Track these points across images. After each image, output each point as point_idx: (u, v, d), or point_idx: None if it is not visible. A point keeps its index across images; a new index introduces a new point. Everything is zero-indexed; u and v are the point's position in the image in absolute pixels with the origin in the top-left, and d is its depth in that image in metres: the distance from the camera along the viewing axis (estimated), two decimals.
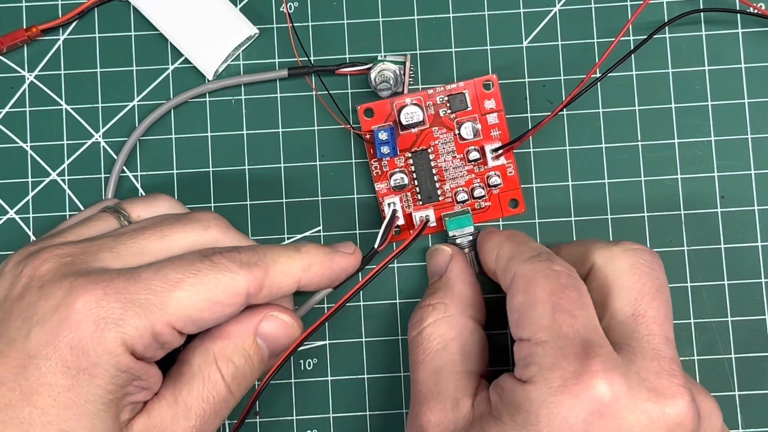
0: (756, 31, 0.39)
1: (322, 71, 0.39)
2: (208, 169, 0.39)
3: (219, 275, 0.30)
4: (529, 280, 0.32)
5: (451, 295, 0.35)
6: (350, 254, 0.34)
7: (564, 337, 0.30)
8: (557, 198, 0.39)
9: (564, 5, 0.40)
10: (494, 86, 0.38)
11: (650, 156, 0.39)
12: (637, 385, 0.29)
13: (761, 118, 0.39)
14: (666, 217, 0.39)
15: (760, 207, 0.39)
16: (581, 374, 0.29)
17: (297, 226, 0.39)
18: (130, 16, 0.40)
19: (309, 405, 0.38)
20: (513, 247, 0.34)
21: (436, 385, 0.33)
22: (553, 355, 0.30)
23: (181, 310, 0.30)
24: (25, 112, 0.39)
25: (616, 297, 0.32)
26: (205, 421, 0.32)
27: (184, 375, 0.32)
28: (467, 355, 0.34)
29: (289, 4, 0.40)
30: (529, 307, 0.31)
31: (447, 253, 0.37)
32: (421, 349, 0.34)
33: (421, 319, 0.35)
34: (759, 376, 0.38)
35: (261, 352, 0.33)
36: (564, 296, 0.31)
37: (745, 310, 0.38)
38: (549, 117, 0.36)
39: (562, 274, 0.32)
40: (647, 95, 0.39)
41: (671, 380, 0.30)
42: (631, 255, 0.33)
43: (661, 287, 0.32)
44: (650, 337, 0.31)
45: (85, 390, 0.28)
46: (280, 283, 0.32)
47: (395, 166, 0.38)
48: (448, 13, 0.40)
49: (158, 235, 0.31)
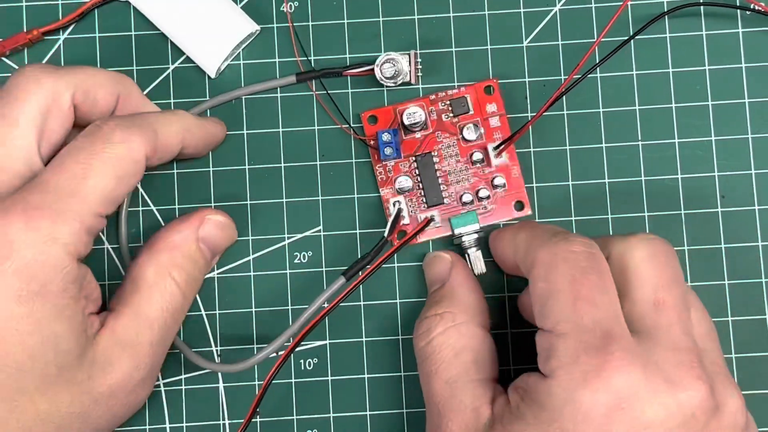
0: (756, 31, 0.39)
1: (329, 74, 0.39)
2: (208, 169, 0.39)
3: (117, 149, 0.31)
4: (549, 266, 0.31)
5: (458, 303, 0.35)
6: (218, 123, 0.38)
7: (584, 329, 0.29)
8: (557, 198, 0.39)
9: (564, 5, 0.40)
10: (495, 90, 0.38)
11: (650, 156, 0.39)
12: (656, 377, 0.29)
13: (762, 117, 0.39)
14: (666, 217, 0.39)
15: (761, 207, 0.39)
16: (602, 368, 0.29)
17: (297, 226, 0.39)
18: (130, 16, 0.40)
19: (309, 405, 0.38)
20: (529, 234, 0.34)
21: (453, 396, 0.33)
22: (573, 348, 0.29)
23: (98, 196, 0.31)
24: None
25: (636, 286, 0.32)
26: (167, 330, 0.34)
27: (140, 289, 0.34)
28: (479, 362, 0.33)
29: (289, 3, 0.40)
30: (550, 297, 0.31)
31: (447, 260, 0.37)
32: (432, 359, 0.34)
33: (428, 329, 0.34)
34: (759, 376, 0.38)
35: (204, 255, 0.36)
36: (585, 282, 0.30)
37: (745, 310, 0.38)
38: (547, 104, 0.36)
39: (582, 255, 0.31)
40: (647, 95, 0.39)
41: (689, 372, 0.30)
42: (648, 245, 0.32)
43: (678, 277, 0.32)
44: (670, 326, 0.31)
45: (42, 312, 0.29)
46: (169, 144, 0.34)
47: (400, 170, 0.38)
48: (448, 13, 0.40)
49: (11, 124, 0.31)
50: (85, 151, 0.31)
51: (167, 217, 0.39)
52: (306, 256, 0.39)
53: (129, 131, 0.32)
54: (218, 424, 0.38)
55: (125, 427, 0.38)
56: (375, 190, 0.39)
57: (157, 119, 0.34)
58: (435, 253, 0.38)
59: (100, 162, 0.31)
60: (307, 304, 0.36)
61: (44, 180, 0.31)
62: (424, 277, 0.38)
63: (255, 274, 0.39)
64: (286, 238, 0.39)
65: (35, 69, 0.32)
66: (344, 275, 0.36)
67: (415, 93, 0.39)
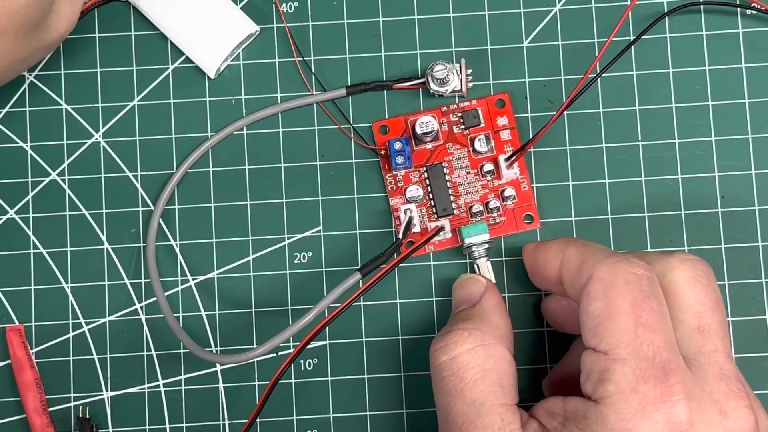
0: (757, 31, 0.39)
1: (379, 87, 0.39)
2: (208, 169, 0.39)
3: None
4: (609, 284, 0.30)
5: (488, 324, 0.33)
6: None
7: (644, 356, 0.29)
8: (557, 198, 0.39)
9: (564, 5, 0.40)
10: (507, 104, 0.39)
11: (650, 156, 0.39)
12: (710, 409, 0.29)
13: (762, 117, 0.39)
14: (666, 217, 0.39)
15: (761, 207, 0.39)
16: (661, 399, 0.28)
17: (297, 227, 0.39)
18: (130, 16, 0.40)
19: (309, 405, 0.38)
20: (582, 250, 0.32)
21: (479, 418, 0.31)
22: (632, 375, 0.29)
23: None
24: (25, 112, 0.39)
25: (680, 309, 0.31)
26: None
27: None
28: (506, 386, 0.32)
29: (289, 3, 0.40)
30: (609, 318, 0.30)
31: (482, 283, 0.36)
32: (456, 377, 0.32)
33: (454, 343, 0.33)
34: (759, 376, 0.38)
35: None
36: (646, 307, 0.30)
37: (745, 310, 0.38)
38: (555, 116, 0.36)
39: (644, 279, 0.30)
40: (647, 95, 0.39)
41: (738, 402, 0.29)
42: (689, 266, 0.31)
43: (719, 300, 0.32)
44: (716, 354, 0.30)
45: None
46: None
47: (410, 180, 0.38)
48: (448, 13, 0.40)
49: None
50: None
51: (167, 217, 0.39)
52: (306, 256, 0.39)
53: None
54: (218, 425, 0.38)
55: (125, 427, 0.38)
56: (376, 191, 0.39)
57: None
58: (469, 274, 0.37)
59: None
60: (307, 305, 0.36)
61: None
62: (452, 296, 0.37)
63: (255, 274, 0.39)
64: (286, 238, 0.39)
65: None
66: (360, 271, 0.35)
67: (423, 104, 0.39)
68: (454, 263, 0.38)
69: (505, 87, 0.39)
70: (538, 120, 0.39)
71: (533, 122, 0.39)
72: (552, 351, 0.38)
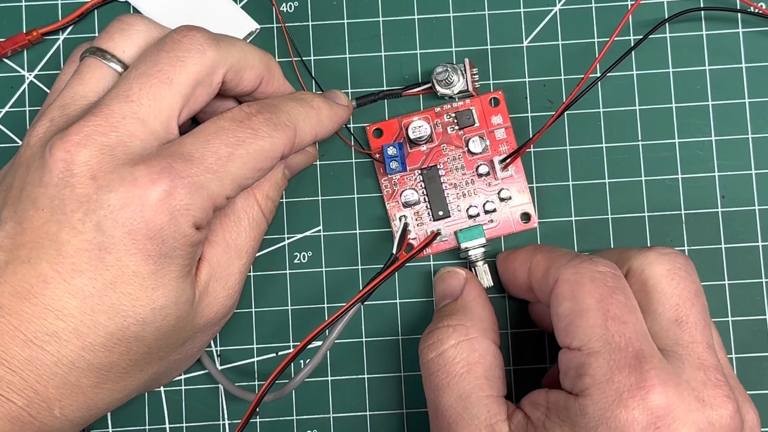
0: (756, 31, 0.39)
1: (389, 96, 0.39)
2: None
3: (261, 143, 0.32)
4: (575, 284, 0.31)
5: (471, 318, 0.34)
6: (347, 106, 0.37)
7: (617, 347, 0.29)
8: (557, 198, 0.39)
9: (564, 5, 0.40)
10: (501, 102, 0.38)
11: (650, 156, 0.39)
12: (688, 396, 0.29)
13: (762, 117, 0.39)
14: (666, 217, 0.39)
15: (761, 207, 0.39)
16: (637, 387, 0.29)
17: (297, 226, 0.39)
18: None
19: (309, 405, 0.38)
20: (547, 255, 0.34)
21: (466, 410, 0.32)
22: (607, 366, 0.29)
23: (235, 182, 0.31)
24: (25, 112, 0.39)
25: (657, 301, 0.31)
26: (252, 256, 0.35)
27: (229, 218, 0.34)
28: (491, 378, 0.33)
29: (289, 3, 0.40)
30: (579, 315, 0.30)
31: (461, 276, 0.36)
32: (443, 372, 0.33)
33: (440, 340, 0.34)
34: (759, 376, 0.38)
35: (286, 179, 0.36)
36: (613, 301, 0.30)
37: (745, 310, 0.38)
38: (552, 118, 0.36)
39: (608, 276, 0.31)
40: (647, 95, 0.39)
41: (717, 390, 0.30)
42: (667, 259, 0.32)
43: (698, 292, 0.32)
44: (694, 344, 0.31)
45: (167, 270, 0.30)
46: (305, 142, 0.34)
47: (405, 183, 0.38)
48: (448, 13, 0.40)
49: (165, 82, 0.31)
50: (232, 136, 0.31)
51: None
52: (306, 256, 0.39)
53: (275, 129, 0.32)
54: (218, 425, 0.38)
55: (125, 427, 0.38)
56: (375, 191, 0.39)
57: (299, 115, 0.34)
58: (448, 268, 0.37)
59: (244, 150, 0.31)
60: (307, 305, 0.36)
61: (189, 151, 0.31)
62: (434, 291, 0.38)
63: (255, 274, 0.39)
64: (286, 238, 0.39)
65: (201, 37, 0.32)
66: (361, 301, 0.34)
67: (417, 106, 0.39)
68: (453, 263, 0.38)
69: (505, 87, 0.39)
70: (538, 120, 0.39)
71: (533, 122, 0.39)
72: (552, 351, 0.38)
